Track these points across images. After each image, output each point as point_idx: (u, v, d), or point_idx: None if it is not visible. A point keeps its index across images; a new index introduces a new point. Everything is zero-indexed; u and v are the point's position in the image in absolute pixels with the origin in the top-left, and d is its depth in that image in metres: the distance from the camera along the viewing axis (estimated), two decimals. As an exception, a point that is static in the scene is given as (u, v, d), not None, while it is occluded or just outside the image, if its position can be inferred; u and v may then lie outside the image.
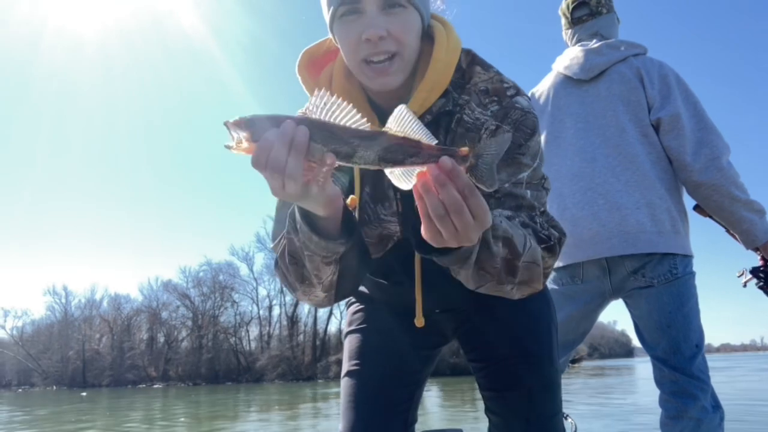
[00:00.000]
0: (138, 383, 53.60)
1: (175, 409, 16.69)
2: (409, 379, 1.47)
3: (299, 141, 0.80)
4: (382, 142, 0.81)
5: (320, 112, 0.82)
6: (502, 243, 1.04)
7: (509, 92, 1.20)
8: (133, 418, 13.60)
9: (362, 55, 1.13)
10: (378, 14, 1.11)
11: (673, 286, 2.18)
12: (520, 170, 1.16)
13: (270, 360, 51.40)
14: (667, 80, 2.27)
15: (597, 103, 2.36)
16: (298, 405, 15.47)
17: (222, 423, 11.38)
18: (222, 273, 57.08)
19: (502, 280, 1.09)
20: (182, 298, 57.62)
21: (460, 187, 0.82)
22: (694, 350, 2.17)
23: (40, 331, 60.46)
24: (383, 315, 1.49)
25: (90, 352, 57.22)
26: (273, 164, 0.81)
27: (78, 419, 13.79)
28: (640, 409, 9.37)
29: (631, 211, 2.18)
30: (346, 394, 1.42)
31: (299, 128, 0.80)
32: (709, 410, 2.13)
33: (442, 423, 8.51)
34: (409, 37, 1.14)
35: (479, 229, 0.88)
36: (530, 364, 1.35)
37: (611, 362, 67.07)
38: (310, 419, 11.18)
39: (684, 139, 2.18)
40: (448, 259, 1.02)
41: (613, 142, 2.28)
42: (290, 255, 1.15)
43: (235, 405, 17.86)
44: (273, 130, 0.81)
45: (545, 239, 1.13)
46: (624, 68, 2.34)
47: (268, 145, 0.81)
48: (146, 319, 58.78)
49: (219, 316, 56.65)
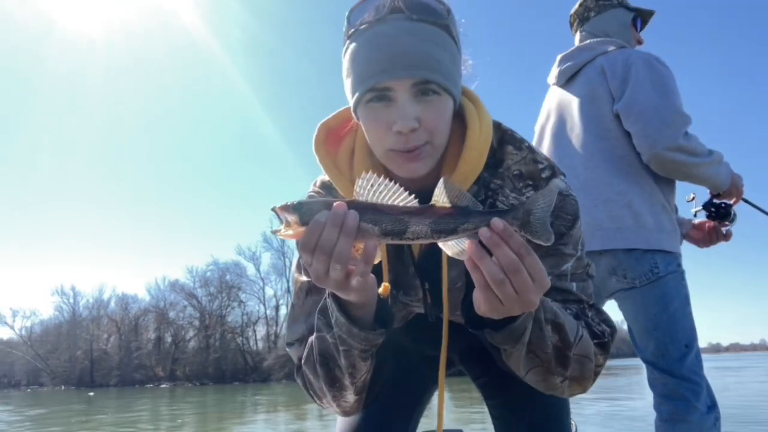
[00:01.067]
0: (145, 383, 53.84)
1: (183, 410, 16.73)
2: (413, 395, 1.45)
3: (350, 222, 0.80)
4: (432, 215, 0.82)
5: (368, 195, 0.82)
6: (552, 327, 0.99)
7: (544, 174, 1.14)
8: (140, 418, 13.63)
9: (390, 145, 1.04)
10: (410, 103, 1.01)
11: (655, 286, 2.15)
12: (563, 261, 1.11)
13: (277, 360, 51.44)
14: (630, 67, 2.23)
15: (567, 107, 2.42)
16: (305, 405, 15.44)
17: (229, 423, 11.38)
18: (229, 273, 57.46)
19: (552, 370, 1.03)
20: (189, 298, 57.93)
21: (515, 247, 0.82)
22: (683, 351, 2.13)
23: (48, 331, 60.96)
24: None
25: (98, 352, 57.58)
26: (323, 246, 0.81)
27: (87, 419, 13.83)
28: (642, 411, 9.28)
29: (588, 210, 2.18)
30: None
31: (350, 211, 0.81)
32: (702, 411, 2.09)
33: (447, 423, 8.47)
34: (441, 125, 1.05)
35: (539, 291, 0.86)
36: None
37: (618, 362, 66.80)
38: (317, 420, 11.16)
39: (644, 121, 2.15)
40: (501, 336, 0.97)
41: (576, 143, 2.32)
42: (320, 355, 1.09)
43: (243, 405, 17.87)
44: (323, 212, 0.81)
45: (599, 335, 1.08)
46: (589, 69, 2.37)
47: (318, 228, 0.81)
48: (154, 319, 59.12)
49: (226, 316, 56.93)
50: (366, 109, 1.05)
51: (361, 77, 1.02)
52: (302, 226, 0.82)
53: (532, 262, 0.83)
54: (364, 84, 1.01)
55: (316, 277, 0.85)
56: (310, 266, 0.85)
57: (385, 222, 0.82)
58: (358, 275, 0.86)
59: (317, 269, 0.84)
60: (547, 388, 1.08)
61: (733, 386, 14.00)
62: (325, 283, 0.86)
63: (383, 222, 0.82)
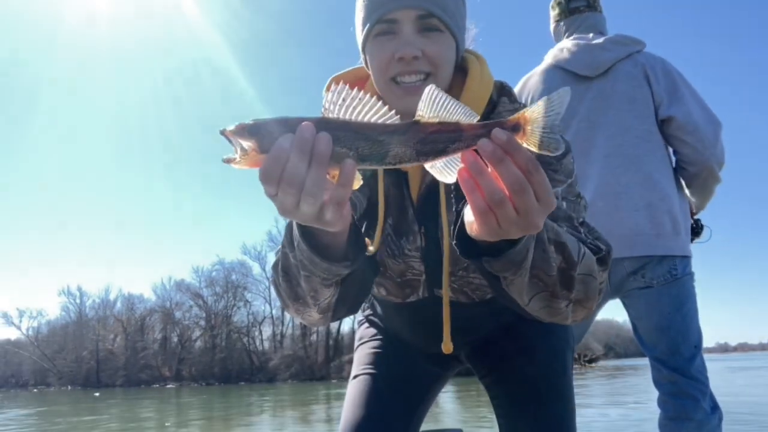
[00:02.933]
0: (151, 383, 53.99)
1: (189, 410, 16.75)
2: (416, 392, 1.45)
3: (321, 148, 0.67)
4: (417, 133, 0.70)
5: (339, 110, 0.69)
6: (555, 248, 0.92)
7: None
8: (147, 418, 13.66)
9: (393, 73, 1.10)
10: (414, 35, 1.09)
11: (672, 287, 2.17)
12: (553, 185, 1.04)
13: (283, 360, 51.56)
14: (672, 77, 2.25)
15: (601, 101, 2.29)
16: (311, 406, 15.45)
17: (235, 424, 11.38)
18: (234, 272, 57.40)
19: (557, 294, 0.96)
20: (195, 297, 58.04)
21: (522, 162, 0.69)
22: (693, 351, 2.17)
23: (55, 331, 61.12)
24: (396, 335, 1.49)
25: (104, 352, 57.75)
26: (289, 178, 0.68)
27: (94, 420, 13.87)
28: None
29: (629, 214, 2.15)
30: (351, 395, 1.40)
31: (320, 133, 0.67)
32: (708, 412, 2.12)
33: (451, 423, 8.45)
34: (443, 61, 1.11)
35: (545, 212, 0.74)
36: (542, 373, 1.35)
37: (627, 362, 66.65)
38: (324, 424, 11.14)
39: (700, 134, 2.18)
40: (501, 263, 0.87)
41: (615, 141, 2.24)
42: (283, 271, 1.07)
43: (249, 405, 17.88)
44: (287, 136, 0.67)
45: (595, 249, 1.01)
46: (629, 65, 2.28)
47: (282, 155, 0.68)
48: (160, 319, 59.21)
49: (232, 316, 56.93)
50: (373, 43, 1.12)
51: (371, 9, 1.10)
52: (261, 153, 0.69)
53: (539, 179, 0.71)
54: (373, 15, 1.09)
55: (283, 210, 0.72)
56: (275, 197, 0.71)
57: (361, 144, 0.68)
58: (332, 205, 0.72)
59: (284, 202, 0.71)
60: (550, 314, 1.01)
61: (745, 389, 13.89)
62: (294, 216, 0.74)
63: (359, 144, 0.68)
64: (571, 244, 0.94)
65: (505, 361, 1.40)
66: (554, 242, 0.91)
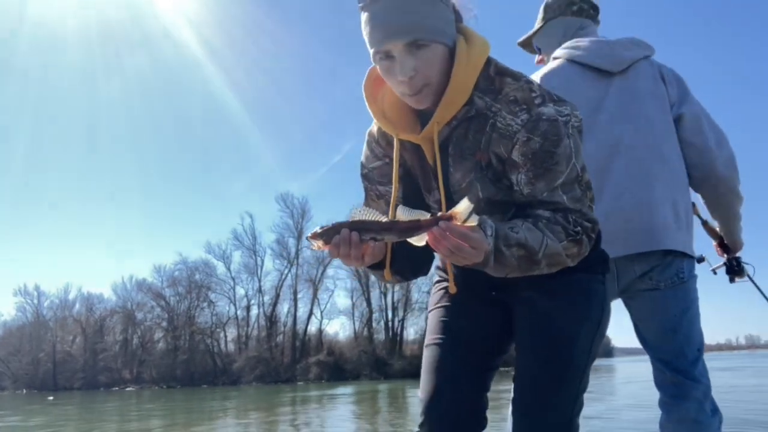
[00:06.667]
0: (111, 386, 52.74)
1: (150, 414, 16.35)
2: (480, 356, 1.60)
3: (354, 240, 1.25)
4: (399, 226, 1.24)
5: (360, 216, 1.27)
6: (516, 247, 1.29)
7: (536, 101, 1.35)
8: (107, 422, 13.27)
9: (400, 90, 1.38)
10: (405, 57, 1.31)
11: (678, 289, 2.17)
12: (556, 177, 1.33)
13: (247, 362, 50.91)
14: (682, 83, 2.32)
15: (626, 94, 2.28)
16: (276, 409, 15.25)
17: (197, 428, 11.15)
18: (198, 272, 56.14)
19: (524, 269, 1.33)
20: (157, 298, 56.76)
21: (456, 235, 1.18)
22: (696, 354, 2.19)
23: (11, 332, 59.20)
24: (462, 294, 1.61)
25: (61, 354, 56.15)
26: (342, 255, 1.27)
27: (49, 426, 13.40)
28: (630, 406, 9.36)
29: (657, 207, 2.15)
30: (424, 364, 1.62)
31: (352, 233, 1.24)
32: (708, 414, 2.14)
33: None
34: (434, 71, 1.34)
35: (481, 252, 1.22)
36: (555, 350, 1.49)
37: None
38: (289, 425, 10.98)
39: (707, 134, 2.23)
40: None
41: (642, 134, 2.23)
42: None
43: (211, 409, 17.57)
44: (337, 237, 1.25)
45: (572, 234, 1.33)
46: (647, 65, 2.32)
47: (336, 247, 1.26)
48: (120, 320, 57.88)
49: (195, 317, 55.94)
50: (379, 65, 1.38)
51: (370, 43, 1.36)
52: (326, 245, 1.28)
53: (471, 242, 1.19)
54: (372, 48, 1.36)
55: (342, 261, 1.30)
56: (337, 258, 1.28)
57: (372, 234, 1.27)
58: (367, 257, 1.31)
59: (342, 260, 1.29)
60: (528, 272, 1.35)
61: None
62: (348, 264, 1.32)
63: (371, 234, 1.27)
64: (532, 241, 1.29)
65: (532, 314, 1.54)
66: (515, 245, 1.28)
